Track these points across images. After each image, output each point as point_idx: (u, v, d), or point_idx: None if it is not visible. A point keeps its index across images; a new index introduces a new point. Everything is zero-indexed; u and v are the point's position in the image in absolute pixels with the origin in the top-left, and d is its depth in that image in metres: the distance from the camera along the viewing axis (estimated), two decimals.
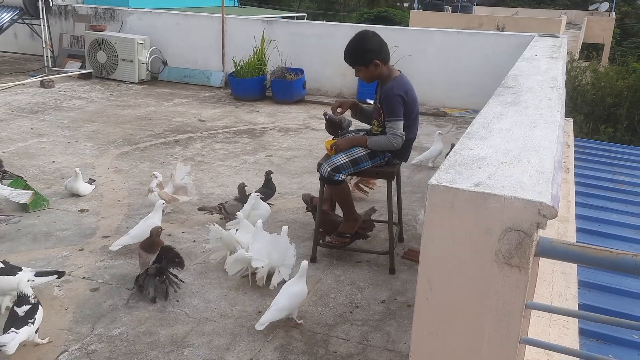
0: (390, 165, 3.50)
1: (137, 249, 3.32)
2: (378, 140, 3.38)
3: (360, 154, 3.40)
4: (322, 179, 3.44)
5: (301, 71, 8.35)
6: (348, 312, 3.07)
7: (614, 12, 24.79)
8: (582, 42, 18.59)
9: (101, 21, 9.87)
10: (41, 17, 9.11)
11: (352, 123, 3.88)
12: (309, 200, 3.93)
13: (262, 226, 3.37)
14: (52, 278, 3.04)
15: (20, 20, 9.51)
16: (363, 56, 3.34)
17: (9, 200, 4.03)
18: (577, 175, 4.41)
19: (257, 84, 8.32)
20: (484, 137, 1.79)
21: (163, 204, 3.79)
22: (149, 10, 9.90)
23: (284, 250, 3.23)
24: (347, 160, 3.39)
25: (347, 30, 8.06)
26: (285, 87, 8.18)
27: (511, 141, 1.76)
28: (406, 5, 36.30)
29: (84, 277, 3.30)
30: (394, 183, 3.60)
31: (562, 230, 3.14)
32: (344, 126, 3.79)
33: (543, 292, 2.43)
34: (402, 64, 6.89)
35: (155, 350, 2.68)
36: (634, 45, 25.08)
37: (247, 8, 20.80)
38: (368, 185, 4.67)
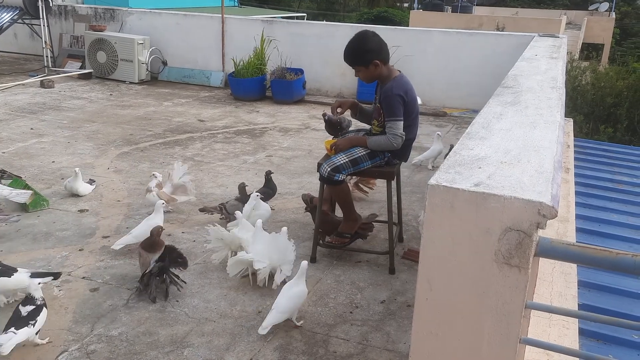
0: (390, 165, 3.50)
1: (137, 249, 3.32)
2: (378, 140, 3.38)
3: (360, 154, 3.40)
4: (322, 179, 3.44)
5: (301, 71, 8.35)
6: (348, 312, 3.07)
7: (613, 12, 24.81)
8: (582, 42, 18.59)
9: (101, 21, 9.87)
10: (41, 17, 9.11)
11: (352, 123, 3.88)
12: (308, 200, 3.93)
13: (261, 226, 3.37)
14: (48, 280, 2.98)
15: (20, 21, 9.51)
16: (363, 56, 3.34)
17: (9, 200, 4.04)
18: (577, 175, 4.41)
19: (257, 84, 8.32)
20: (483, 137, 1.79)
21: (163, 204, 3.78)
22: (149, 10, 9.90)
23: (283, 249, 3.23)
24: (347, 160, 3.39)
25: (347, 31, 8.06)
26: (285, 87, 8.18)
27: (511, 141, 1.76)
28: (406, 5, 36.32)
29: (83, 277, 3.31)
30: (394, 183, 3.60)
31: (562, 230, 3.14)
32: (343, 126, 3.79)
33: (543, 292, 2.43)
34: (402, 64, 6.89)
35: (155, 350, 2.68)
36: (633, 46, 25.09)
37: (247, 8, 20.80)
38: (368, 185, 4.67)
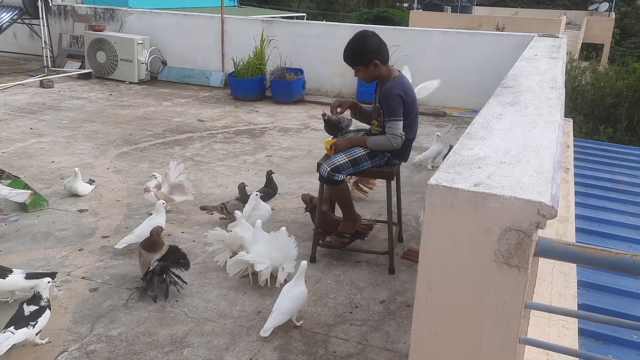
0: (389, 165, 3.50)
1: (137, 248, 3.32)
2: (377, 140, 3.38)
3: (359, 154, 3.40)
4: (321, 179, 3.44)
5: (301, 71, 8.35)
6: (347, 312, 3.07)
7: (613, 12, 24.82)
8: (582, 42, 18.61)
9: (101, 21, 9.86)
10: (41, 17, 9.11)
11: (351, 122, 3.88)
12: (308, 200, 3.93)
13: (261, 226, 3.37)
14: (47, 280, 2.93)
15: (19, 20, 9.51)
16: (362, 56, 3.34)
17: (8, 199, 4.04)
18: (576, 175, 4.41)
19: (256, 84, 8.31)
20: (483, 137, 1.79)
21: (163, 203, 3.78)
22: (149, 10, 9.90)
23: (284, 246, 3.23)
24: (346, 160, 3.38)
25: (347, 30, 8.06)
26: (285, 87, 8.18)
27: (511, 141, 1.76)
28: (406, 5, 36.32)
29: (83, 277, 3.30)
30: (394, 183, 3.60)
31: (562, 230, 3.14)
32: (343, 126, 3.79)
33: (542, 292, 2.43)
34: (401, 64, 6.89)
35: (154, 350, 2.68)
36: (633, 46, 25.10)
37: (246, 8, 20.80)
38: (368, 185, 4.67)
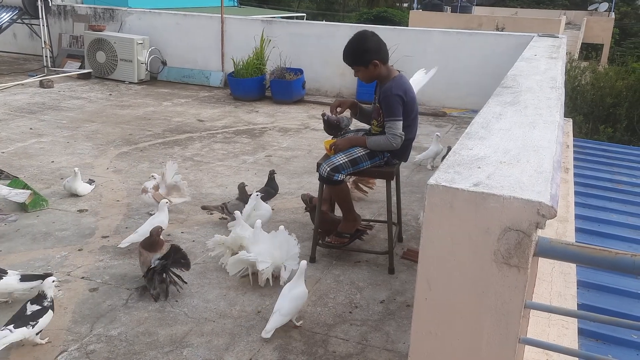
0: (389, 165, 3.50)
1: (138, 248, 3.32)
2: (377, 140, 3.38)
3: (359, 154, 3.40)
4: (321, 179, 3.44)
5: (300, 71, 8.35)
6: (347, 312, 3.07)
7: (613, 13, 24.81)
8: (582, 42, 18.60)
9: (100, 21, 9.86)
10: (40, 17, 9.11)
11: (351, 122, 3.87)
12: (308, 200, 3.93)
13: (260, 226, 3.37)
14: (37, 283, 2.89)
15: (19, 20, 9.50)
16: (362, 56, 3.34)
17: (8, 199, 4.04)
18: (576, 175, 4.41)
19: (256, 84, 8.31)
20: (483, 137, 1.79)
21: (167, 202, 3.80)
22: (149, 10, 9.90)
23: (285, 245, 3.23)
24: (346, 160, 3.38)
25: (347, 30, 8.06)
26: (285, 87, 8.17)
27: (510, 141, 1.76)
28: (405, 5, 36.32)
29: (83, 277, 3.30)
30: (394, 183, 3.60)
31: (562, 230, 3.14)
32: (342, 126, 3.79)
33: (542, 292, 2.43)
34: (401, 64, 6.89)
35: (154, 350, 2.68)
36: (633, 46, 25.10)
37: (246, 8, 20.80)
38: (367, 185, 4.67)
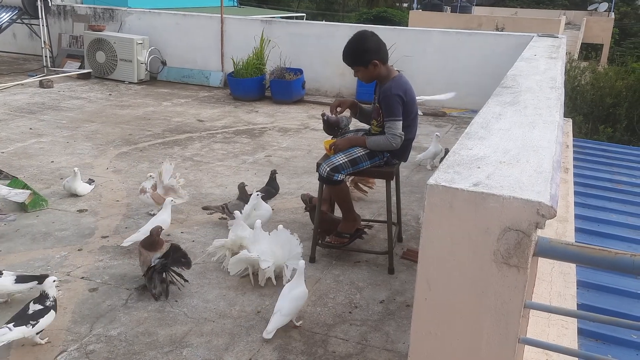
0: (389, 165, 3.50)
1: (138, 247, 3.32)
2: (377, 140, 3.38)
3: (359, 154, 3.40)
4: (321, 179, 3.44)
5: (300, 71, 8.35)
6: (347, 312, 3.07)
7: (612, 13, 24.82)
8: (581, 42, 18.61)
9: (100, 21, 9.86)
10: (40, 17, 9.10)
11: (350, 121, 3.87)
12: (307, 200, 3.93)
13: (260, 226, 3.37)
14: (33, 284, 2.90)
15: (19, 20, 9.50)
16: (362, 56, 3.34)
17: (7, 199, 4.03)
18: (576, 175, 4.41)
19: (256, 84, 8.31)
20: (482, 137, 1.79)
21: (172, 200, 3.80)
22: (148, 10, 9.89)
23: (287, 244, 3.23)
24: (346, 160, 3.38)
25: (347, 31, 8.06)
26: (285, 87, 8.17)
27: (510, 141, 1.76)
28: (405, 5, 36.33)
29: (82, 277, 3.30)
30: (393, 183, 3.60)
31: (561, 230, 3.14)
32: (341, 126, 3.79)
33: (542, 292, 2.43)
34: (401, 64, 6.89)
35: (154, 350, 2.68)
36: (632, 46, 25.11)
37: (246, 8, 20.80)
38: (367, 184, 4.67)
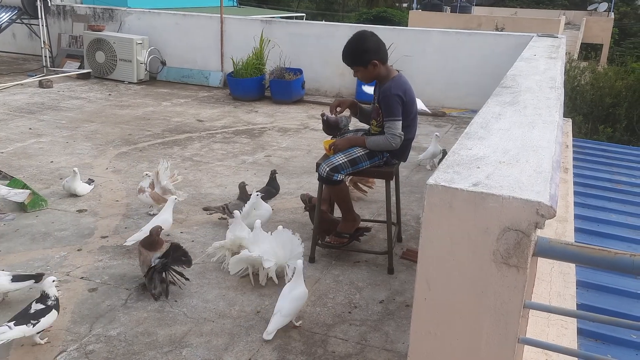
0: (389, 165, 3.49)
1: (137, 247, 3.32)
2: (376, 140, 3.38)
3: (358, 154, 3.40)
4: (320, 179, 3.44)
5: (300, 71, 8.35)
6: (346, 312, 3.07)
7: (612, 13, 24.83)
8: (581, 42, 18.61)
9: (100, 21, 9.86)
10: (40, 17, 9.10)
11: (350, 121, 3.87)
12: (307, 200, 3.92)
13: (260, 226, 3.36)
14: (30, 283, 2.93)
15: (18, 20, 9.50)
16: (361, 56, 3.34)
17: (7, 199, 4.03)
18: (575, 175, 4.41)
19: (255, 84, 8.31)
20: (482, 137, 1.79)
21: (176, 199, 3.80)
22: (148, 10, 9.89)
23: (289, 244, 3.23)
24: (345, 160, 3.38)
25: (346, 31, 8.06)
26: (284, 87, 8.17)
27: (510, 141, 1.76)
28: (405, 5, 36.34)
29: (82, 278, 3.30)
30: (393, 183, 3.60)
31: (561, 230, 3.14)
32: (341, 126, 3.79)
33: (541, 292, 2.43)
34: (401, 64, 6.89)
35: (153, 350, 2.68)
36: (632, 46, 25.11)
37: (245, 8, 20.80)
38: (367, 184, 4.67)
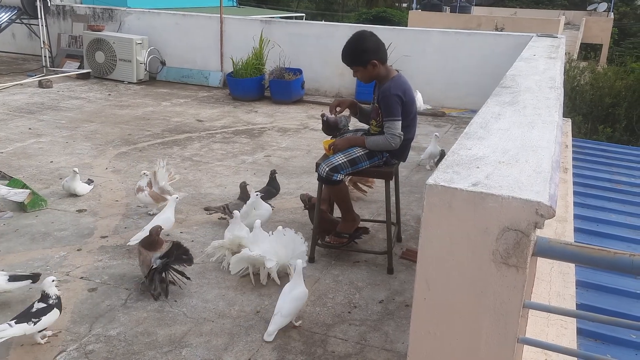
0: (388, 165, 3.50)
1: (137, 247, 3.32)
2: (376, 140, 3.38)
3: (358, 154, 3.40)
4: (320, 179, 3.44)
5: (300, 71, 8.35)
6: (346, 312, 3.07)
7: (612, 13, 24.83)
8: (581, 42, 18.61)
9: (99, 21, 9.86)
10: (39, 17, 9.10)
11: (350, 121, 3.87)
12: (307, 200, 3.93)
13: (260, 226, 3.36)
14: (27, 283, 2.94)
15: (18, 20, 9.49)
16: (361, 56, 3.34)
17: (7, 199, 4.03)
18: (575, 175, 4.41)
19: (255, 84, 8.31)
20: (482, 137, 1.79)
21: (177, 197, 3.80)
22: (148, 10, 9.89)
23: (291, 243, 3.23)
24: (345, 160, 3.38)
25: (346, 31, 8.05)
26: (284, 87, 8.17)
27: (509, 141, 1.76)
28: (405, 5, 36.33)
29: (81, 277, 3.30)
30: (392, 183, 3.60)
31: (560, 230, 3.14)
32: (340, 126, 3.79)
33: (541, 291, 2.43)
34: (400, 64, 6.89)
35: (153, 350, 2.68)
36: (632, 46, 25.11)
37: (245, 8, 20.79)
38: (366, 184, 4.67)
